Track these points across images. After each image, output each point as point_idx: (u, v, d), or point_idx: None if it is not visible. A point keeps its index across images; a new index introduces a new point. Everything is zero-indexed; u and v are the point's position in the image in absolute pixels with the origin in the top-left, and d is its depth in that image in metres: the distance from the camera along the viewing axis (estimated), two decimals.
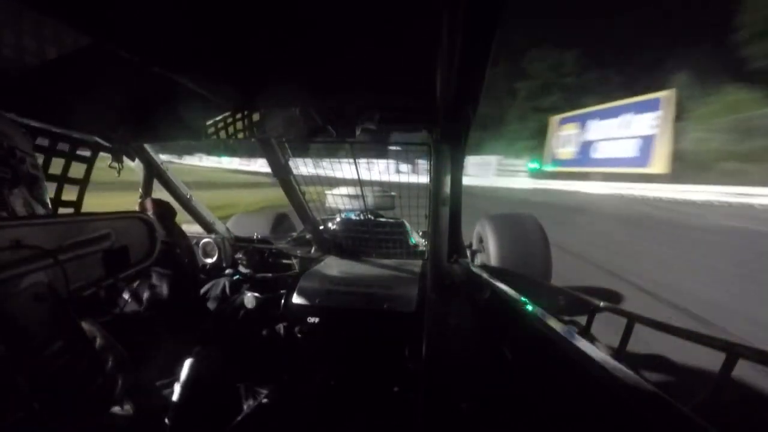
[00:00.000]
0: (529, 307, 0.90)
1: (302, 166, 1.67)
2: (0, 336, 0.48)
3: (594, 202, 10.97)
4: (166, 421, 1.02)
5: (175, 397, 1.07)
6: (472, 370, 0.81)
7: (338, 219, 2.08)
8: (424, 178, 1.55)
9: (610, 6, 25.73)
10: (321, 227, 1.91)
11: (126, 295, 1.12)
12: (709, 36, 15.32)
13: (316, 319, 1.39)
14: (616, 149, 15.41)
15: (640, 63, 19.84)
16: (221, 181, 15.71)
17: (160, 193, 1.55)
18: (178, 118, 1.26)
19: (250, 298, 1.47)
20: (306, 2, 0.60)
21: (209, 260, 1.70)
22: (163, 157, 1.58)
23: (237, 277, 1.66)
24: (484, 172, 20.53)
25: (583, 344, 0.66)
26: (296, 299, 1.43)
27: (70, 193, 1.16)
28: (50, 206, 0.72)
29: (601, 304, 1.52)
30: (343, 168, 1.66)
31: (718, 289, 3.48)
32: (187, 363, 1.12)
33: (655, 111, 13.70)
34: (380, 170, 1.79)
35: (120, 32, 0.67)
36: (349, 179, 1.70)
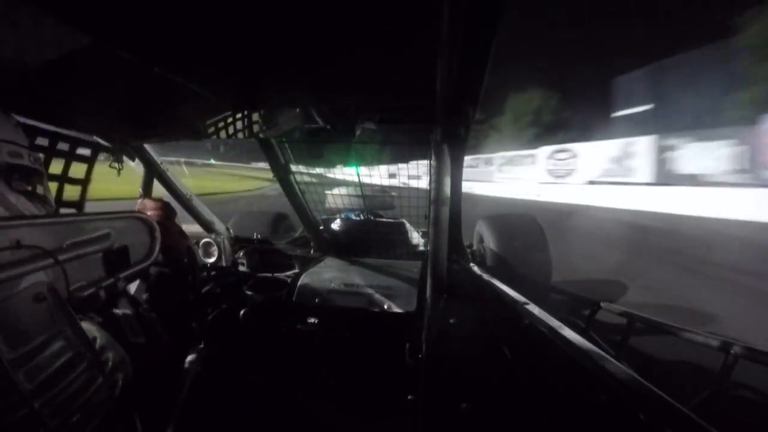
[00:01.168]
0: (529, 307, 0.90)
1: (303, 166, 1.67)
2: (0, 336, 0.48)
3: None
4: (167, 421, 1.02)
5: (175, 398, 1.07)
6: (472, 370, 0.81)
7: (338, 219, 2.08)
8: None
9: None
10: (321, 227, 1.91)
11: (126, 296, 1.12)
12: None
13: (316, 319, 1.39)
14: None
15: None
16: None
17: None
18: (178, 118, 1.26)
19: (250, 298, 1.47)
20: (306, 2, 0.60)
21: (209, 260, 1.70)
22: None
23: (237, 277, 1.66)
24: None
25: (583, 344, 0.66)
26: (296, 299, 1.43)
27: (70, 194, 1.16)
28: (53, 205, 0.72)
29: (601, 303, 1.52)
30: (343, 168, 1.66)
31: None
32: (187, 363, 1.12)
33: None
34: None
35: (120, 32, 0.67)
36: (350, 179, 1.70)
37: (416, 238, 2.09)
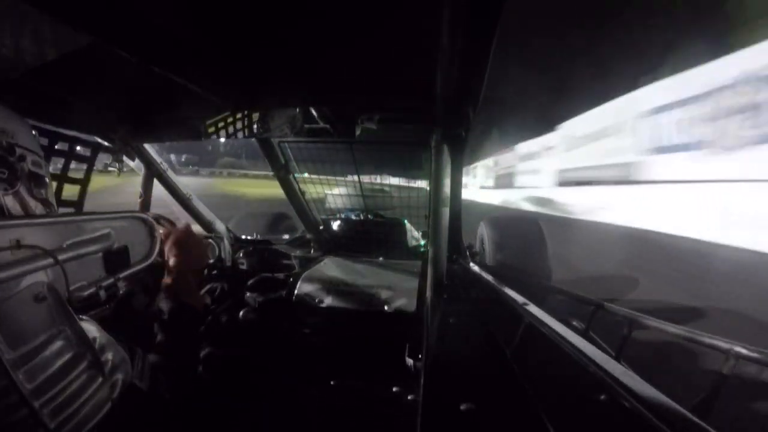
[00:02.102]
0: (529, 308, 0.90)
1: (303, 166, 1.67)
2: (0, 336, 0.48)
3: None
4: (167, 421, 1.02)
5: (175, 398, 1.07)
6: (472, 370, 0.81)
7: (338, 219, 2.08)
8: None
9: None
10: (321, 227, 1.91)
11: (126, 296, 1.12)
12: None
13: (316, 319, 1.39)
14: None
15: None
16: None
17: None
18: (178, 118, 1.26)
19: (250, 298, 1.47)
20: (306, 2, 0.60)
21: (209, 260, 1.70)
22: None
23: (237, 277, 1.65)
24: None
25: (583, 345, 0.66)
26: (296, 299, 1.43)
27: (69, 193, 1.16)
28: (54, 205, 0.72)
29: (602, 304, 1.52)
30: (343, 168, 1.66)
31: None
32: (187, 364, 1.12)
33: None
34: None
35: (120, 32, 0.67)
36: (349, 179, 1.70)
37: (416, 238, 2.09)
